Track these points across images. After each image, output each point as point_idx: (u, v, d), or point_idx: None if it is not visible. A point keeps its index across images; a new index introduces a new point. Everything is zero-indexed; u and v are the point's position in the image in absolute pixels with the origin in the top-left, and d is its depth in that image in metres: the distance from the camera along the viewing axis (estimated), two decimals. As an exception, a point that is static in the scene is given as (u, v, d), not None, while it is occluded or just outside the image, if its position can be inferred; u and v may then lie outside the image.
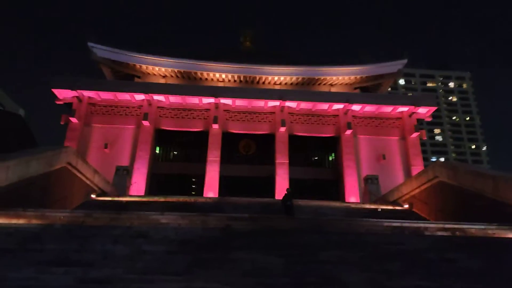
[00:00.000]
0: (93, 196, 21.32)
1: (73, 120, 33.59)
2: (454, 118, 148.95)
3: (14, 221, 11.51)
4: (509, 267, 9.09)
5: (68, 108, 34.93)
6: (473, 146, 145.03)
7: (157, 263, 8.46)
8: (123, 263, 8.38)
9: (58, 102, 34.88)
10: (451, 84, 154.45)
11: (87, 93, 34.59)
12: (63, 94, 34.38)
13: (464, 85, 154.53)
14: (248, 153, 37.16)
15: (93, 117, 35.07)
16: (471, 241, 11.37)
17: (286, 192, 17.95)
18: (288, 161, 34.31)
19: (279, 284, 7.56)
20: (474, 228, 12.72)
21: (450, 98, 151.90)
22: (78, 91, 34.02)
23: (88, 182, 20.98)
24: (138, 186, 31.40)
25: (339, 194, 34.29)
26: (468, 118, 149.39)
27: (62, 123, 34.35)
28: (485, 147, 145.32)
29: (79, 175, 19.60)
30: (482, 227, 12.72)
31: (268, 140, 36.40)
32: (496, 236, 12.15)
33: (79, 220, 12.15)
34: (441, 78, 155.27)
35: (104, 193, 23.07)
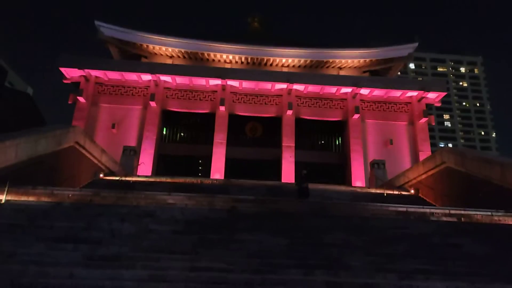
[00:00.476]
0: (100, 175, 21.54)
1: (81, 99, 33.67)
2: (464, 103, 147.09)
3: (24, 198, 11.70)
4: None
5: (75, 87, 34.99)
6: (482, 133, 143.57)
7: (164, 242, 8.58)
8: (130, 241, 8.51)
9: (65, 81, 34.93)
10: (462, 69, 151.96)
11: (94, 73, 34.57)
12: (71, 73, 34.39)
13: (476, 70, 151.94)
14: (254, 136, 37.13)
15: (101, 97, 35.12)
16: (477, 227, 11.36)
17: (301, 174, 17.55)
18: (294, 145, 34.26)
19: (284, 265, 7.65)
20: (480, 214, 12.70)
21: (460, 83, 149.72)
22: (86, 70, 34.00)
23: (95, 161, 21.17)
24: (145, 167, 31.64)
25: (345, 178, 34.30)
26: (478, 104, 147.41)
27: (70, 102, 34.45)
28: (494, 133, 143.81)
29: (87, 154, 19.77)
30: (489, 213, 12.70)
31: (275, 123, 36.29)
32: (502, 223, 12.13)
33: (87, 198, 12.32)
34: (452, 63, 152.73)
35: (111, 173, 23.29)
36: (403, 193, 22.05)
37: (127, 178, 21.51)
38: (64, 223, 9.42)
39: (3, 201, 10.63)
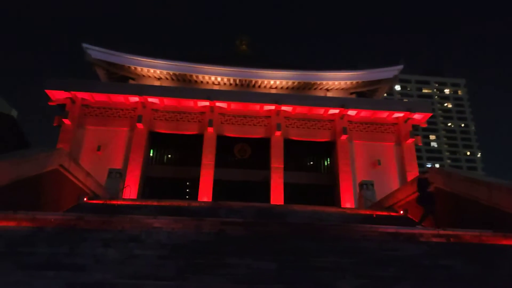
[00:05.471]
0: (85, 199, 21.05)
1: (66, 121, 33.30)
2: (449, 124, 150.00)
3: (4, 224, 11.29)
4: (504, 273, 9.05)
5: (61, 109, 34.66)
6: (468, 153, 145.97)
7: (149, 267, 8.31)
8: (114, 267, 8.22)
9: (51, 104, 34.61)
10: (447, 91, 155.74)
11: (80, 95, 34.36)
12: (56, 95, 34.12)
13: (459, 92, 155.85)
14: (243, 157, 37.02)
15: (87, 118, 34.80)
16: (466, 247, 11.32)
17: (421, 177, 15.34)
18: (283, 166, 34.20)
19: (273, 290, 7.45)
20: (469, 235, 12.67)
21: (445, 104, 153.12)
22: (72, 92, 33.78)
23: (80, 184, 20.72)
24: (131, 189, 31.14)
25: (335, 200, 34.22)
26: (463, 125, 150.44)
27: (55, 124, 34.07)
28: (480, 154, 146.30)
29: (71, 177, 19.35)
30: (477, 233, 12.67)
31: (263, 144, 36.30)
32: (491, 243, 12.11)
33: (70, 223, 11.95)
34: (437, 85, 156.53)
35: (96, 196, 22.79)
36: (392, 214, 21.98)
37: (112, 202, 21.06)
38: (46, 249, 9.09)
39: (-18, 227, 10.24)
